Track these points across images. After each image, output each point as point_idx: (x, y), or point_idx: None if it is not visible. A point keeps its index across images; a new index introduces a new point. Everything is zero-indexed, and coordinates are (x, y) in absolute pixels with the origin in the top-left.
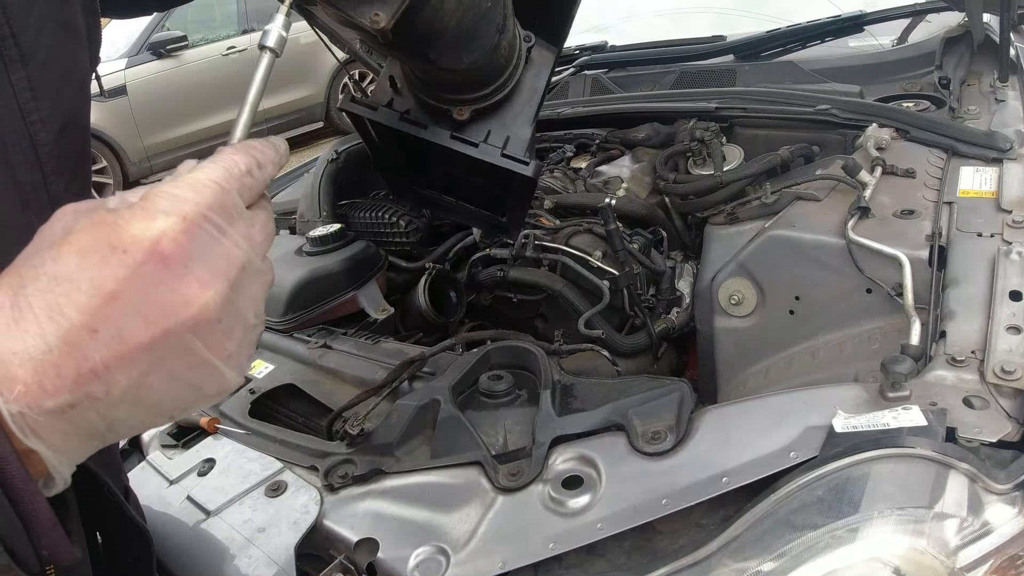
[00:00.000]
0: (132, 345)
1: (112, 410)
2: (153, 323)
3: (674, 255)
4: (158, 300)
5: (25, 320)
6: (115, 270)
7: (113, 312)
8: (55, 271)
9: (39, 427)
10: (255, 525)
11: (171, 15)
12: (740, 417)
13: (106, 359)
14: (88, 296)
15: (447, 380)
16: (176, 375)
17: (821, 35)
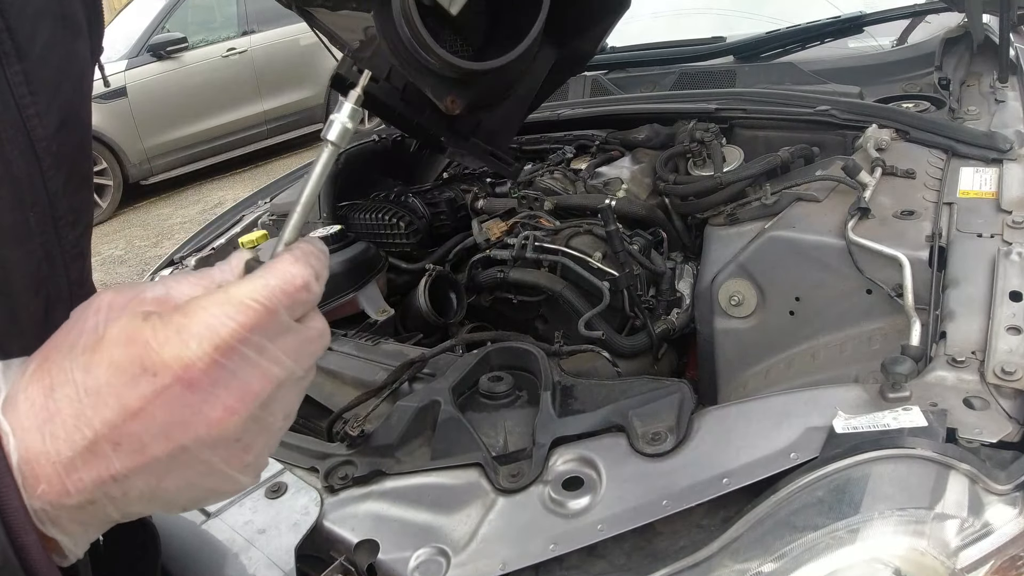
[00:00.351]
0: (151, 457)
1: (128, 506)
2: (173, 439)
3: (674, 256)
4: (180, 420)
5: (53, 424)
6: (142, 391)
7: (136, 428)
8: (85, 382)
9: (59, 520)
10: (255, 526)
11: (171, 17)
12: (740, 418)
13: (126, 468)
14: (114, 412)
15: (447, 381)
16: (192, 482)
17: (821, 36)
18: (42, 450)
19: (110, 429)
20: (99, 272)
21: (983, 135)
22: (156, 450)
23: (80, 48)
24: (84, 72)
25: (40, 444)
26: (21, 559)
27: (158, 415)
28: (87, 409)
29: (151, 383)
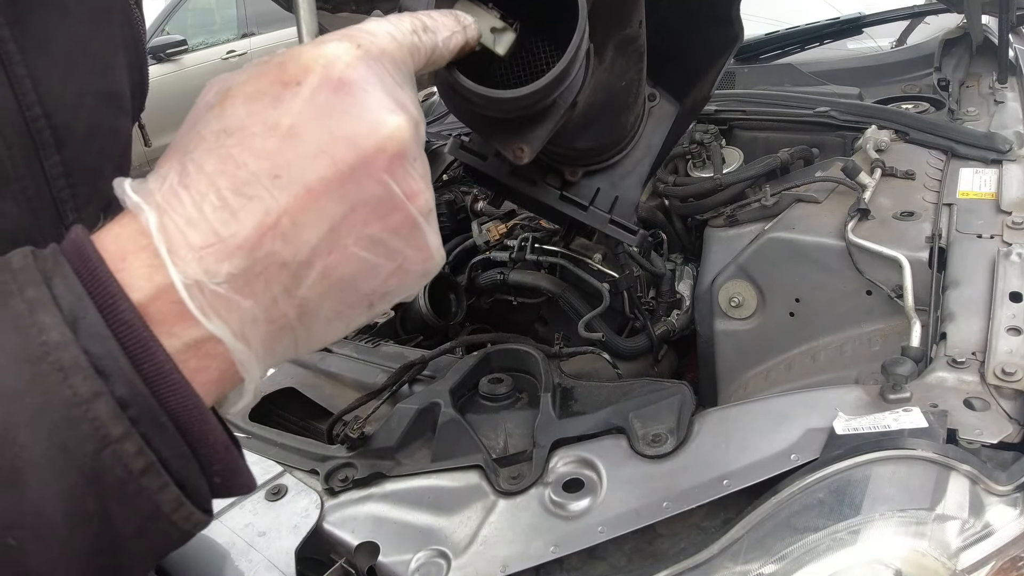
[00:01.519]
0: (318, 188)
1: (299, 283)
2: (340, 159)
3: (674, 258)
4: (343, 132)
5: (193, 180)
6: (290, 105)
7: (293, 152)
8: (222, 125)
9: (219, 302)
10: (256, 529)
11: (171, 19)
12: (741, 419)
13: (290, 207)
14: (263, 138)
15: (447, 383)
16: (371, 233)
17: (820, 37)
18: (186, 212)
19: (264, 160)
20: None
21: (982, 136)
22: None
23: (123, 124)
24: (127, 149)
25: (182, 207)
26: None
27: (315, 130)
28: (231, 149)
29: (297, 93)
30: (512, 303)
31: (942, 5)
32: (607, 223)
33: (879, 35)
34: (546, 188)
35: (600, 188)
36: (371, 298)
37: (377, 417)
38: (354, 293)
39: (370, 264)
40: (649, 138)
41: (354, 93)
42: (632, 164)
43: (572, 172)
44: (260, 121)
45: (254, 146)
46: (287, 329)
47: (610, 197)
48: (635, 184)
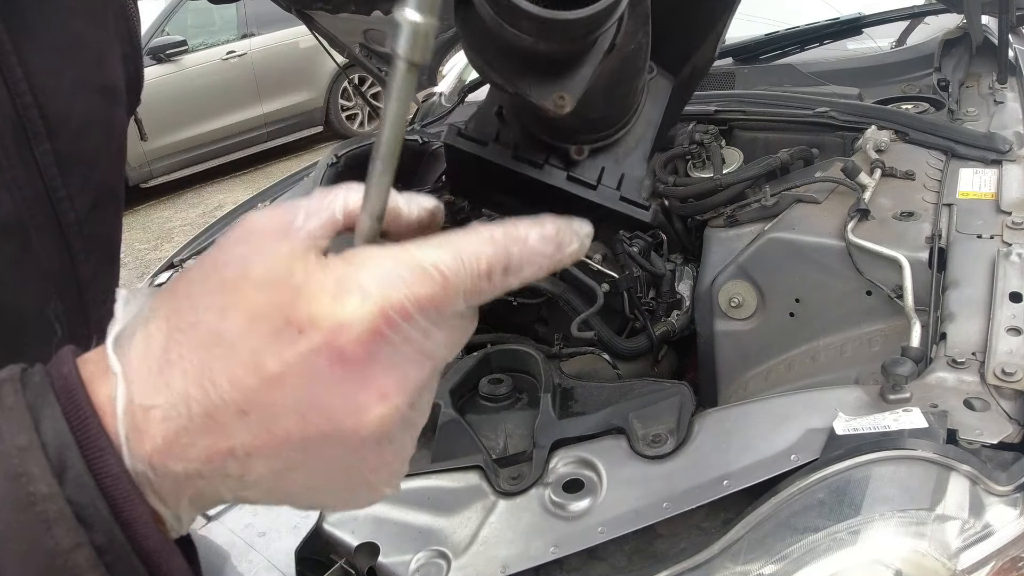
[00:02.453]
0: (281, 440)
1: (243, 490)
2: (311, 424)
3: (674, 258)
4: (322, 402)
5: (172, 374)
6: (282, 350)
7: (270, 399)
8: (217, 327)
9: (161, 489)
10: (256, 529)
11: (171, 20)
12: (741, 420)
13: (247, 445)
14: (246, 372)
15: (447, 383)
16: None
17: (819, 38)
18: (153, 402)
19: (239, 394)
20: None
21: (982, 136)
22: (287, 431)
23: (118, 116)
24: (121, 141)
25: (152, 394)
26: (129, 536)
27: (297, 388)
28: (215, 361)
29: (293, 342)
30: (512, 303)
31: (942, 5)
32: (618, 200)
33: (879, 35)
34: (552, 170)
35: (605, 167)
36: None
37: None
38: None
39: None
40: (648, 113)
41: (350, 370)
42: (634, 140)
43: (578, 150)
44: (250, 349)
45: (235, 373)
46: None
47: (616, 175)
48: (639, 160)
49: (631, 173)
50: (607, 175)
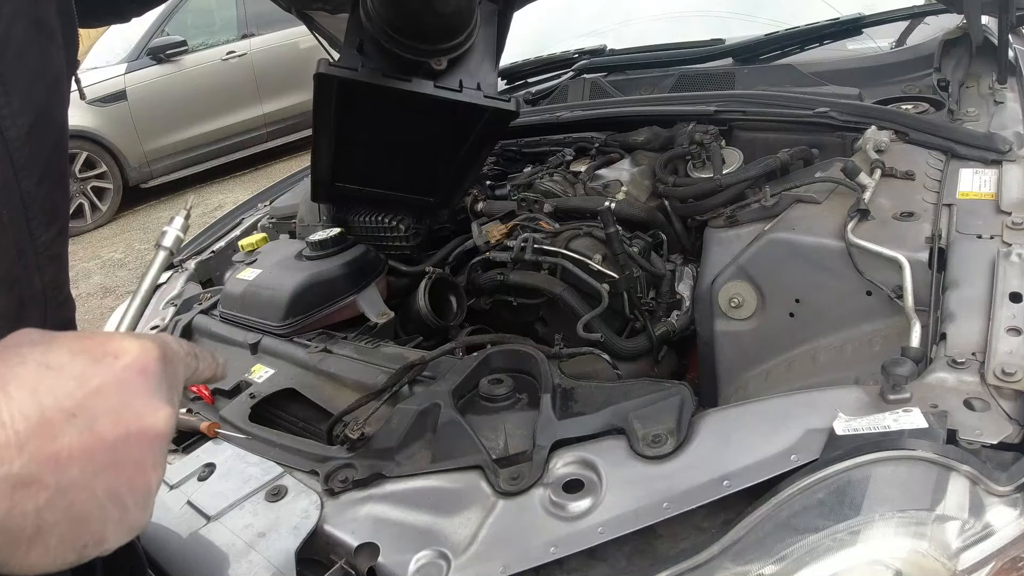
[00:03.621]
0: (99, 438)
1: (49, 507)
2: (123, 423)
3: (674, 258)
4: (134, 405)
5: (7, 392)
6: (103, 370)
7: (93, 403)
8: (46, 360)
9: None
10: (256, 530)
11: (171, 20)
12: (741, 420)
13: (72, 445)
14: (76, 384)
15: (447, 384)
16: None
17: (819, 38)
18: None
19: (69, 401)
20: (99, 275)
21: (982, 136)
22: (105, 431)
23: (54, 53)
24: (59, 77)
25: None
26: None
27: (114, 396)
28: (48, 379)
29: (112, 364)
30: (512, 304)
31: (942, 5)
32: (483, 97)
33: (879, 35)
34: (420, 81)
35: (462, 79)
36: (89, 541)
37: (377, 418)
38: (81, 531)
39: (105, 511)
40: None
41: (150, 381)
42: (480, 55)
43: (437, 62)
44: (78, 370)
45: (67, 387)
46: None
47: (474, 83)
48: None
49: (486, 80)
50: (467, 83)
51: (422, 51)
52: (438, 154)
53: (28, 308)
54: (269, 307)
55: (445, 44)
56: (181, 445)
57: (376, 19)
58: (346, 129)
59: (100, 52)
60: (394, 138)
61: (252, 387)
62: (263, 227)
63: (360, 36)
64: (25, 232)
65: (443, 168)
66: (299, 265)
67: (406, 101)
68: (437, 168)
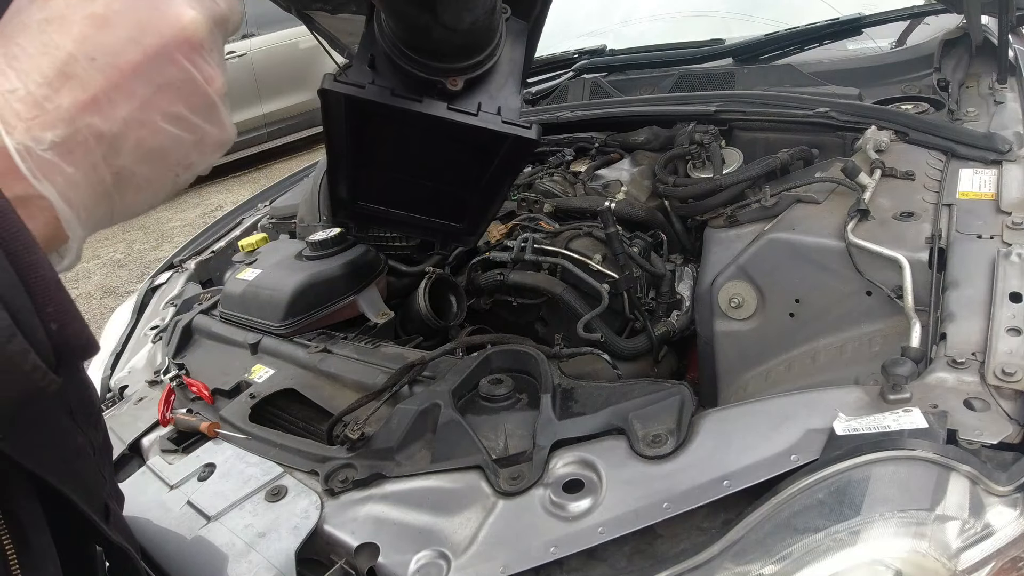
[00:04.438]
0: (128, 69)
1: (116, 152)
2: (147, 45)
3: (674, 258)
4: (148, 21)
5: (19, 61)
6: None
7: (107, 37)
8: (44, 15)
9: (45, 166)
10: (255, 530)
11: None
12: (741, 420)
13: (103, 85)
14: (81, 25)
15: (447, 384)
16: (176, 111)
17: (819, 38)
18: (13, 87)
19: (81, 44)
20: (99, 275)
21: (982, 136)
22: (130, 59)
23: None
24: None
25: (8, 83)
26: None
27: (126, 20)
28: (52, 35)
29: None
30: (512, 304)
31: (942, 5)
32: (501, 123)
33: (879, 35)
34: (431, 102)
35: (481, 102)
36: (176, 169)
37: (377, 418)
38: (162, 163)
39: (175, 137)
40: (511, 52)
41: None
42: (503, 77)
43: (453, 81)
44: (79, 12)
45: (73, 32)
46: (105, 195)
47: (493, 107)
48: (512, 93)
49: (508, 104)
50: (486, 106)
51: (436, 69)
52: (462, 179)
53: None
54: (269, 307)
55: (461, 63)
56: (181, 446)
57: (389, 34)
58: (362, 147)
59: None
60: (415, 160)
61: (252, 387)
62: (263, 227)
63: (372, 51)
64: None
65: (469, 194)
66: (299, 265)
67: (420, 122)
68: (463, 193)
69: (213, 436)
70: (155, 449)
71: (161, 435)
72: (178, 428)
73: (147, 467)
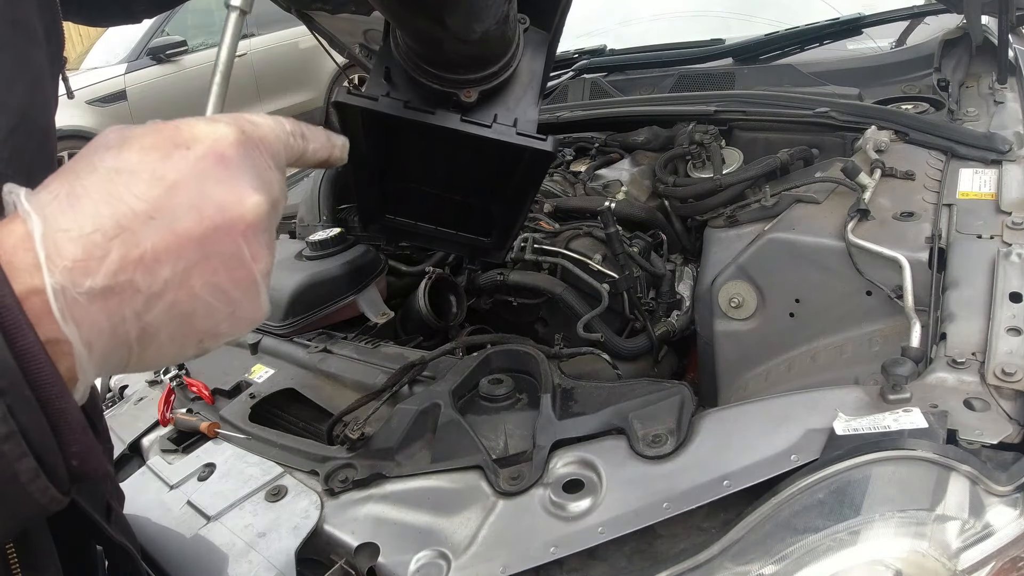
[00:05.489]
0: (183, 236)
1: (148, 310)
2: (207, 217)
3: (674, 258)
4: (214, 196)
5: (81, 203)
6: (177, 164)
7: (170, 202)
8: (116, 164)
9: (77, 309)
10: (255, 530)
11: (171, 20)
12: (741, 420)
13: (156, 247)
14: (148, 184)
15: (447, 384)
16: (217, 282)
17: (819, 38)
18: (68, 227)
19: (144, 202)
20: None
21: (982, 136)
22: (189, 228)
23: (34, 53)
24: (39, 78)
25: (66, 221)
26: (23, 366)
27: (192, 188)
28: (119, 186)
29: (185, 156)
30: (512, 304)
31: (942, 5)
32: (516, 135)
33: (879, 35)
34: (445, 114)
35: (497, 114)
36: (203, 336)
37: (377, 418)
38: (191, 328)
39: (209, 306)
40: (530, 63)
41: (230, 168)
42: (522, 89)
43: (467, 93)
44: (149, 169)
45: (139, 189)
46: (124, 346)
47: (509, 119)
48: (530, 106)
49: (525, 116)
50: (501, 118)
51: (450, 81)
52: (488, 192)
53: None
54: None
55: (475, 74)
56: (181, 445)
57: (403, 47)
58: (389, 161)
59: (100, 52)
60: (441, 173)
61: (252, 387)
62: None
63: (388, 64)
64: None
65: (496, 206)
66: (299, 265)
67: (439, 135)
68: (491, 206)
69: (213, 436)
70: (155, 449)
71: (161, 435)
72: (178, 428)
73: (147, 467)
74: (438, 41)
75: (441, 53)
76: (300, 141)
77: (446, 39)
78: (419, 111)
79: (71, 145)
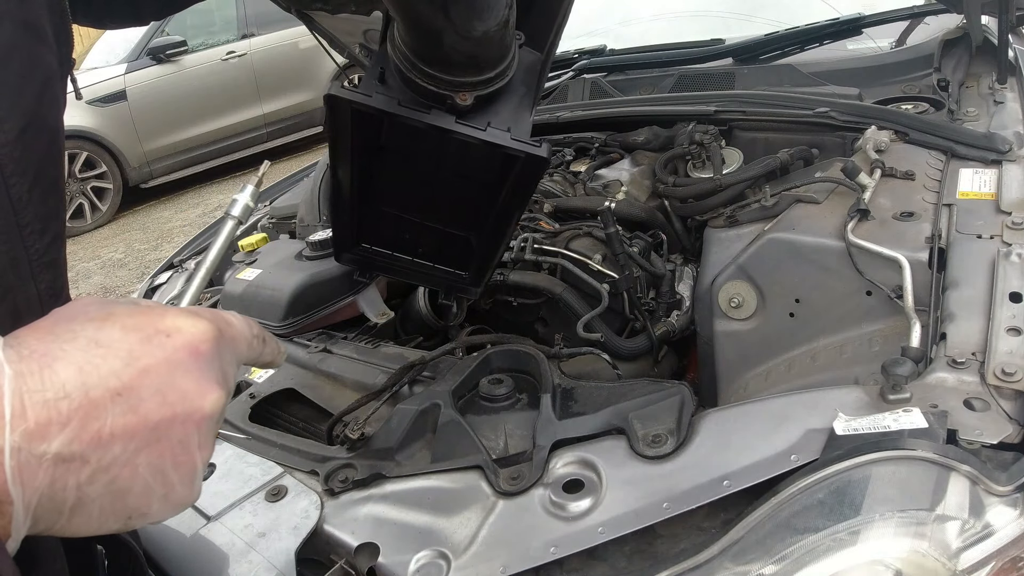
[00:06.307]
0: (143, 417)
1: (91, 482)
2: (169, 404)
3: (674, 258)
4: (181, 385)
5: (55, 367)
6: (154, 350)
7: (139, 383)
8: (97, 336)
9: (27, 471)
10: (255, 530)
11: (171, 20)
12: (741, 420)
13: (115, 424)
14: (123, 363)
15: (447, 384)
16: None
17: (819, 38)
18: (36, 389)
19: (116, 381)
20: (99, 275)
21: (982, 136)
22: (150, 412)
23: (44, 54)
24: (49, 78)
25: (35, 384)
26: None
27: (163, 376)
28: (95, 358)
29: (163, 344)
30: (512, 304)
31: (942, 5)
32: (510, 140)
33: (879, 35)
34: (440, 114)
35: (491, 121)
36: (132, 513)
37: (377, 418)
38: (123, 504)
39: (148, 487)
40: (525, 77)
41: (200, 362)
42: (517, 99)
43: (463, 96)
44: (127, 349)
45: (114, 366)
46: (58, 513)
47: (503, 126)
48: (524, 117)
49: (519, 127)
50: (495, 125)
51: (446, 83)
52: (469, 218)
53: (24, 316)
54: (269, 307)
55: (472, 78)
56: None
57: (400, 46)
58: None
59: (100, 52)
60: (421, 198)
61: (252, 387)
62: (263, 227)
63: (384, 65)
64: (18, 240)
65: (476, 236)
66: (299, 265)
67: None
68: (469, 236)
69: None
70: None
71: None
72: None
73: None
74: (438, 34)
75: (440, 50)
76: (260, 345)
77: (447, 32)
78: (413, 109)
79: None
